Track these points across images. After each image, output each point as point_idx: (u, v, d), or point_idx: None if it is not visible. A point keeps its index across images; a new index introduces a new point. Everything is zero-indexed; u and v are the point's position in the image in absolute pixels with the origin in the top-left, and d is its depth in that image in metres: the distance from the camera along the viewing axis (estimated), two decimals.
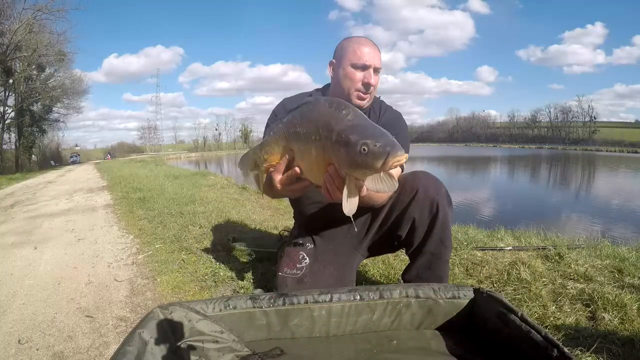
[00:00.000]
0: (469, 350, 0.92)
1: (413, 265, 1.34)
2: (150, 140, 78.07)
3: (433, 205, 1.24)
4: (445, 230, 1.28)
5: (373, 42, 1.36)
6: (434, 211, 1.25)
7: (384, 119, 1.39)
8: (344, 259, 1.41)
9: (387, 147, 0.69)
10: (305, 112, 0.83)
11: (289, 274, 1.39)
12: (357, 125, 0.74)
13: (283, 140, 0.88)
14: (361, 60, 1.31)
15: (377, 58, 1.34)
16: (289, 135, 0.86)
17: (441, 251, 1.30)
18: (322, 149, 0.78)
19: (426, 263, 1.31)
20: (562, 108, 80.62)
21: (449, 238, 1.31)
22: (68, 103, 26.57)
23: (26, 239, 3.07)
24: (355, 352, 0.93)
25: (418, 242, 1.30)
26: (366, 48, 1.33)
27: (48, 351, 1.29)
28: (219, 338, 0.88)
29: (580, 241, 2.32)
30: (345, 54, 1.34)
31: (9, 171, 18.32)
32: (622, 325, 1.24)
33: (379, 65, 1.34)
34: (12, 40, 18.49)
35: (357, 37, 1.38)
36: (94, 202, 5.15)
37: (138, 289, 1.80)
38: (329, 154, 0.77)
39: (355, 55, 1.32)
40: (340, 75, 1.35)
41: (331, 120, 0.77)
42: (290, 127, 0.85)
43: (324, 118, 0.78)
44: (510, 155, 40.39)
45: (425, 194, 1.24)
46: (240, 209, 3.60)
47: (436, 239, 1.28)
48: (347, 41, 1.36)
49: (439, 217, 1.25)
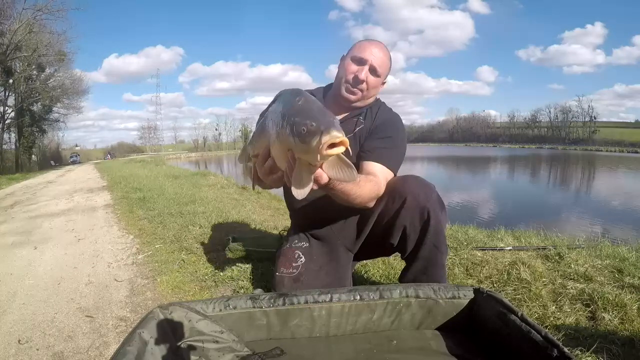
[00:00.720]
0: (469, 350, 0.92)
1: (409, 270, 1.31)
2: (150, 140, 78.20)
3: (424, 212, 1.20)
4: (438, 235, 1.24)
5: (385, 47, 1.35)
6: (424, 218, 1.21)
7: (377, 121, 1.37)
8: (338, 258, 1.41)
9: (322, 126, 0.70)
10: (273, 103, 0.91)
11: (285, 273, 1.39)
12: (303, 109, 0.77)
13: (261, 132, 0.93)
14: (360, 54, 1.31)
15: (380, 59, 1.31)
16: (264, 126, 0.91)
17: (436, 256, 1.26)
18: (279, 136, 0.81)
19: (421, 268, 1.28)
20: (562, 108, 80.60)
21: (443, 242, 1.27)
22: (68, 103, 26.60)
23: (26, 239, 3.07)
24: (355, 352, 0.93)
25: (411, 249, 1.27)
26: (372, 47, 1.32)
27: (48, 351, 1.29)
28: (219, 338, 0.88)
29: (580, 241, 2.32)
30: (352, 48, 1.35)
31: (9, 171, 18.31)
32: (622, 325, 1.24)
33: (377, 65, 1.31)
34: (12, 40, 18.48)
35: (373, 39, 1.37)
36: (94, 202, 5.15)
37: (138, 289, 1.80)
38: (283, 139, 0.80)
39: (359, 49, 1.32)
40: (340, 67, 1.36)
41: (286, 107, 0.81)
42: (265, 119, 0.91)
43: (283, 106, 0.83)
44: (510, 155, 40.36)
45: (415, 200, 1.20)
46: (240, 209, 3.60)
47: (429, 245, 1.24)
48: (362, 40, 1.37)
49: (431, 224, 1.21)
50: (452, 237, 2.29)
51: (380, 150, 1.30)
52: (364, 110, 1.39)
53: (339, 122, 0.75)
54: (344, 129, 1.46)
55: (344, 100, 1.37)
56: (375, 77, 1.33)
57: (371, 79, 1.32)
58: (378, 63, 1.31)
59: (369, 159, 1.29)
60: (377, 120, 1.37)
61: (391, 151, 1.32)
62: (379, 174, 1.25)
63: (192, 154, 63.05)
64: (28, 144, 23.88)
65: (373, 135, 1.34)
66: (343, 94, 1.35)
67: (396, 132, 1.37)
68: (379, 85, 1.37)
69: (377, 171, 1.25)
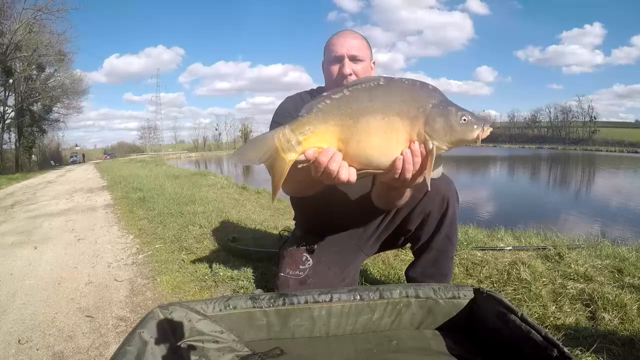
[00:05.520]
0: (469, 350, 0.92)
1: (419, 261, 1.34)
2: (150, 140, 78.22)
3: (444, 201, 1.24)
4: (452, 226, 1.28)
5: (352, 31, 1.31)
6: (444, 207, 1.25)
7: None
8: (348, 260, 1.39)
9: (482, 119, 0.74)
10: (375, 89, 0.77)
11: (291, 275, 1.36)
12: (449, 101, 0.78)
13: (337, 117, 0.76)
14: (333, 54, 1.27)
15: (354, 45, 1.26)
16: (351, 111, 0.75)
17: (448, 247, 1.30)
18: (410, 122, 0.76)
19: (432, 259, 1.31)
20: (562, 108, 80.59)
21: (455, 235, 1.31)
22: (68, 103, 26.67)
23: (26, 238, 3.07)
24: (355, 352, 0.93)
25: (426, 238, 1.30)
26: (340, 40, 1.27)
27: (48, 351, 1.29)
28: (219, 338, 0.88)
29: (580, 241, 2.32)
30: (325, 52, 1.31)
31: (9, 171, 18.33)
32: (622, 325, 1.24)
33: (355, 53, 1.25)
34: (12, 40, 18.50)
35: (337, 33, 1.31)
36: (94, 202, 5.15)
37: (138, 289, 1.80)
38: (418, 128, 0.77)
39: (330, 50, 1.28)
40: (324, 74, 1.34)
41: (420, 94, 0.77)
42: (352, 103, 0.76)
43: (409, 93, 0.77)
44: (510, 155, 40.37)
45: (437, 189, 1.23)
46: (240, 209, 3.60)
47: (443, 236, 1.28)
48: (328, 39, 1.31)
49: (449, 214, 1.25)
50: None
51: None
52: None
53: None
54: None
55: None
56: (360, 63, 1.28)
57: (356, 67, 1.28)
58: (355, 49, 1.26)
59: None
60: None
61: None
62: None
63: (192, 154, 63.07)
64: (28, 144, 23.91)
65: None
66: None
67: None
68: (368, 70, 1.32)
69: None
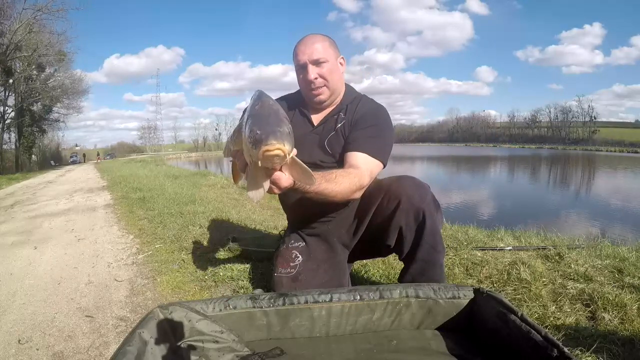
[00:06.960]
0: (469, 350, 0.92)
1: (407, 272, 1.30)
2: (150, 140, 78.32)
3: (419, 214, 1.19)
4: (434, 236, 1.23)
5: (312, 35, 1.33)
6: (420, 219, 1.20)
7: (359, 113, 1.36)
8: (336, 257, 1.41)
9: (263, 135, 0.76)
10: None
11: (283, 273, 1.38)
12: (257, 115, 0.83)
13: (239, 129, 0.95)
14: (297, 63, 1.31)
15: (314, 49, 1.28)
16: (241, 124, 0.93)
17: (433, 257, 1.25)
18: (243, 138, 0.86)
19: (420, 270, 1.26)
20: (562, 108, 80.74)
21: (440, 242, 1.25)
22: (68, 103, 26.66)
23: (26, 238, 3.07)
24: (355, 352, 0.93)
25: (408, 250, 1.26)
26: (300, 47, 1.31)
27: (48, 351, 1.29)
28: (219, 338, 0.88)
29: (580, 241, 2.32)
30: (293, 62, 1.35)
31: (9, 171, 18.33)
32: (622, 325, 1.24)
33: (317, 57, 1.28)
34: (12, 40, 18.49)
35: (299, 40, 1.34)
36: (94, 202, 5.15)
37: (138, 289, 1.80)
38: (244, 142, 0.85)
39: (295, 60, 1.32)
40: (298, 81, 1.39)
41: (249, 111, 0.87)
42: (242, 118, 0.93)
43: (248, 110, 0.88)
44: (510, 155, 40.38)
45: (409, 202, 1.19)
46: (240, 209, 3.60)
47: (427, 247, 1.23)
48: (293, 49, 1.34)
49: (427, 225, 1.20)
50: (452, 237, 2.29)
51: (362, 140, 1.29)
52: (344, 107, 1.39)
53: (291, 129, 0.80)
54: (325, 128, 1.40)
55: (318, 104, 1.39)
56: (324, 64, 1.30)
57: (321, 70, 1.30)
58: (316, 53, 1.28)
59: (350, 150, 1.28)
60: (358, 113, 1.36)
61: (375, 139, 1.30)
62: (362, 164, 1.23)
63: (192, 154, 63.09)
64: (28, 144, 23.90)
65: (355, 127, 1.33)
66: (313, 100, 1.37)
67: (378, 121, 1.35)
68: (335, 68, 1.33)
69: (359, 161, 1.24)
